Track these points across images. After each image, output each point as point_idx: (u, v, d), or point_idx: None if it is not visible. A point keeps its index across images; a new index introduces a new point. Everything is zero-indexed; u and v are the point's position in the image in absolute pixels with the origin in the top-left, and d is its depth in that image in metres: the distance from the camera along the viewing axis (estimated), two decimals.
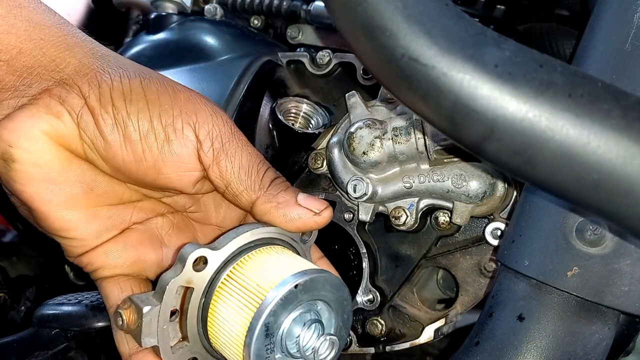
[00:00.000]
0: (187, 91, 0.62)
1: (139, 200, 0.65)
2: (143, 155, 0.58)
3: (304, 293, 0.56)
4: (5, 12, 0.57)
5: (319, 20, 1.04)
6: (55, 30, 0.60)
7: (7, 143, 0.55)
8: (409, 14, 0.42)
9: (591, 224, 0.58)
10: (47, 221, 0.59)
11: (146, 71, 0.61)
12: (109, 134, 0.57)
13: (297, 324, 0.56)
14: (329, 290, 0.59)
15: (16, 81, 0.57)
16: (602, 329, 0.61)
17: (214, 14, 1.17)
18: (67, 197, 0.59)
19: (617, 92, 0.42)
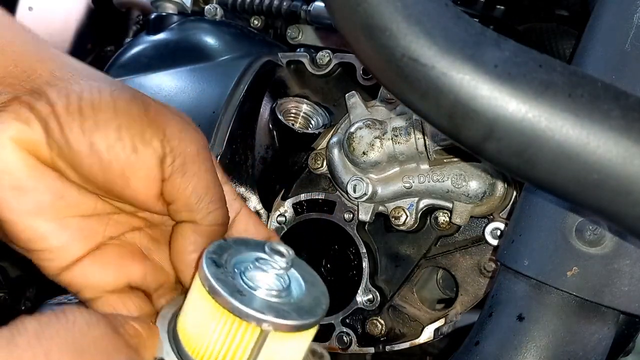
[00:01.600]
0: (159, 105, 0.60)
1: (112, 213, 0.63)
2: (110, 164, 0.57)
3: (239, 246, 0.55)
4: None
5: (319, 20, 1.04)
6: (29, 45, 0.60)
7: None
8: (409, 14, 0.42)
9: (591, 224, 0.58)
10: (15, 231, 0.57)
11: (118, 84, 0.60)
12: (75, 142, 0.56)
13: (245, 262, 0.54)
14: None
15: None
16: (601, 329, 0.61)
17: (214, 14, 1.17)
18: (36, 205, 0.57)
19: (617, 92, 0.42)
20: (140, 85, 1.04)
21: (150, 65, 1.08)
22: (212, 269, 0.51)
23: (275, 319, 0.49)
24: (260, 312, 0.49)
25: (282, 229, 0.91)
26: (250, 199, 0.90)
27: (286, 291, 0.53)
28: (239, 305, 0.49)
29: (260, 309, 0.49)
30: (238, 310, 0.49)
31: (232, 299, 0.49)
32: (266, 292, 0.51)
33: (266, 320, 0.49)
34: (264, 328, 0.49)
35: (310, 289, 0.55)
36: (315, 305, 0.53)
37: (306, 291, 0.54)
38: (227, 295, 0.49)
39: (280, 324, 0.49)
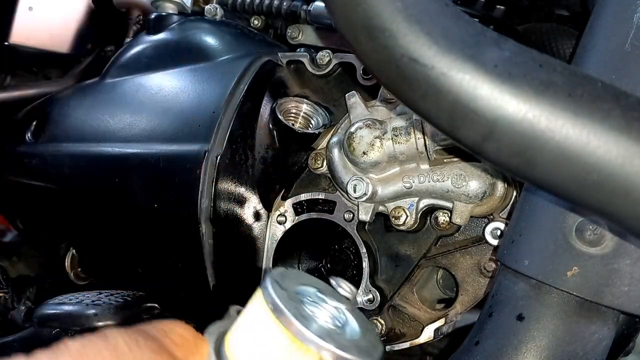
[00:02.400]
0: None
1: None
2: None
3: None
4: None
5: (319, 20, 1.05)
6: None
7: None
8: (409, 14, 0.42)
9: (591, 224, 0.58)
10: None
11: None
12: None
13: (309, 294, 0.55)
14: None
15: None
16: (601, 329, 0.61)
17: (214, 14, 1.17)
18: None
19: (617, 92, 0.42)
20: (140, 85, 1.05)
21: (150, 65, 1.08)
22: (277, 289, 0.50)
23: (336, 349, 0.48)
24: (323, 340, 0.48)
25: (282, 229, 0.91)
26: (250, 199, 0.90)
27: (342, 329, 0.53)
28: (303, 329, 0.48)
29: (323, 337, 0.48)
30: (301, 334, 0.48)
31: (296, 320, 0.48)
32: (325, 324, 0.51)
33: (327, 348, 0.48)
34: (324, 356, 0.48)
35: (365, 333, 0.54)
36: (372, 348, 0.53)
37: (361, 334, 0.54)
38: (291, 316, 0.48)
39: (340, 356, 0.49)
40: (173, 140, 0.90)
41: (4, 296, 1.10)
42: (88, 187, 1.01)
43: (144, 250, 0.98)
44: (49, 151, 1.09)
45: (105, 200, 0.98)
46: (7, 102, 1.36)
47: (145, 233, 0.96)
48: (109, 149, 0.98)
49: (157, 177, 0.90)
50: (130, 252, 1.01)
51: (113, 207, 0.98)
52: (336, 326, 0.52)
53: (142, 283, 0.99)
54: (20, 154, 1.15)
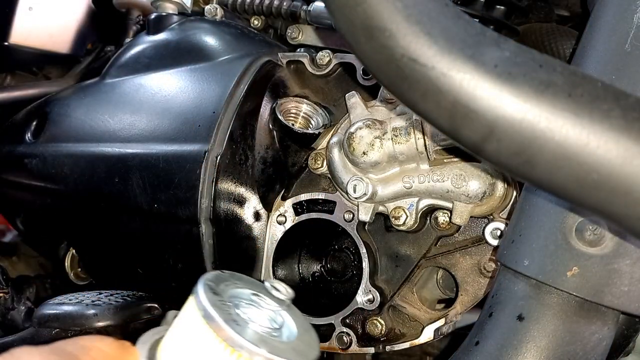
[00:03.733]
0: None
1: None
2: None
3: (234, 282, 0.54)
4: None
5: (319, 20, 1.05)
6: None
7: None
8: (409, 14, 0.42)
9: (591, 224, 0.58)
10: None
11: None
12: None
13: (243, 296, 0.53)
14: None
15: None
16: (601, 329, 0.61)
17: (214, 14, 1.17)
18: None
19: (617, 92, 0.42)
20: (140, 85, 1.05)
21: (150, 65, 1.08)
22: (209, 295, 0.49)
23: (268, 353, 0.47)
24: (255, 345, 0.47)
25: (282, 229, 0.91)
26: (250, 199, 0.90)
27: (279, 331, 0.52)
28: (234, 334, 0.47)
29: (255, 342, 0.47)
30: (232, 339, 0.47)
31: (228, 327, 0.47)
32: (260, 327, 0.50)
33: (258, 353, 0.47)
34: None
35: (303, 334, 0.53)
36: (308, 349, 0.52)
37: (299, 335, 0.53)
38: (222, 321, 0.47)
39: (272, 359, 0.48)
40: (173, 140, 0.90)
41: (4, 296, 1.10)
42: (88, 187, 1.01)
43: (144, 250, 0.98)
44: (49, 151, 1.09)
45: (105, 200, 0.98)
46: (7, 102, 1.36)
47: (145, 233, 0.96)
48: (108, 149, 0.98)
49: (157, 177, 0.90)
50: (130, 252, 1.01)
51: (113, 207, 0.98)
52: (272, 329, 0.51)
53: (142, 283, 0.99)
54: (20, 154, 1.15)
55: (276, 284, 0.52)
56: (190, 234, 0.87)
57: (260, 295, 0.53)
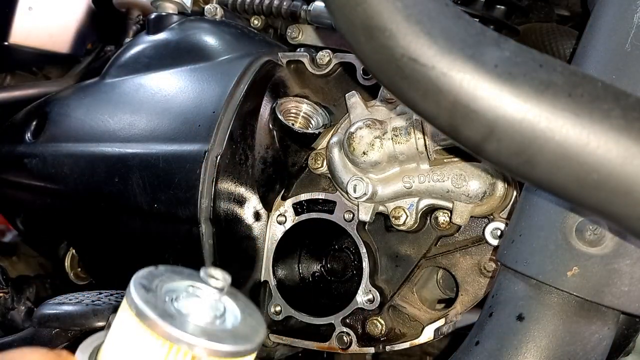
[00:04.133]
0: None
1: None
2: None
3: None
4: None
5: (319, 20, 1.04)
6: None
7: None
8: (409, 14, 0.42)
9: (591, 224, 0.58)
10: None
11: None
12: None
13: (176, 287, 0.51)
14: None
15: None
16: (602, 329, 0.61)
17: (214, 14, 1.17)
18: None
19: (617, 92, 0.42)
20: (140, 85, 1.05)
21: (150, 65, 1.08)
22: (141, 293, 0.47)
23: (209, 342, 0.46)
24: (193, 336, 0.45)
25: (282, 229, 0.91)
26: (250, 198, 0.90)
27: (221, 319, 0.51)
28: (170, 329, 0.45)
29: (193, 333, 0.46)
30: (168, 334, 0.46)
31: (162, 322, 0.46)
32: (199, 318, 0.49)
33: (199, 344, 0.46)
34: (197, 353, 0.46)
35: (246, 319, 0.52)
36: (252, 333, 0.50)
37: (242, 320, 0.51)
38: (156, 317, 0.46)
39: (214, 349, 0.46)
40: (173, 140, 0.90)
41: (4, 296, 1.10)
42: (88, 187, 1.01)
43: (144, 250, 0.98)
44: (49, 151, 1.09)
45: (105, 200, 0.98)
46: (7, 102, 1.36)
47: (145, 233, 0.96)
48: (108, 149, 0.98)
49: (157, 177, 0.90)
50: (130, 252, 1.01)
51: (113, 207, 0.98)
52: (213, 318, 0.50)
53: None
54: (20, 154, 1.15)
55: (212, 272, 0.50)
56: (190, 234, 0.87)
57: (197, 286, 0.51)
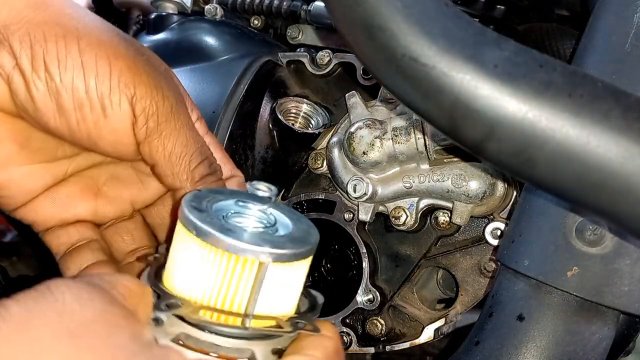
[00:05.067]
0: (129, 58, 0.56)
1: (77, 155, 0.62)
2: (77, 126, 0.55)
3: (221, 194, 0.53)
4: None
5: (319, 20, 1.04)
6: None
7: None
8: (409, 14, 0.42)
9: (591, 224, 0.58)
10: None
11: (84, 29, 0.55)
12: (41, 102, 0.54)
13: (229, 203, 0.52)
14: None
15: None
16: (602, 329, 0.61)
17: (214, 14, 1.17)
18: (1, 156, 0.57)
19: (617, 92, 0.42)
20: None
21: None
22: (196, 214, 0.48)
23: (273, 249, 0.46)
24: (257, 245, 0.46)
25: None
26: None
27: (273, 227, 0.51)
28: (233, 241, 0.46)
29: (257, 242, 0.46)
30: (233, 247, 0.46)
31: (224, 236, 0.46)
32: (254, 229, 0.49)
33: (264, 251, 0.46)
34: (263, 260, 0.46)
35: (297, 224, 0.53)
36: (307, 235, 0.51)
37: (294, 226, 0.52)
38: (217, 233, 0.46)
39: (279, 254, 0.47)
40: None
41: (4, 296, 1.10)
42: None
43: None
44: None
45: None
46: None
47: None
48: None
49: None
50: None
51: None
52: (266, 227, 0.50)
53: None
54: None
55: (257, 185, 0.51)
56: None
57: (245, 201, 0.52)
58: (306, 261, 0.50)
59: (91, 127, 0.56)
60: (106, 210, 0.65)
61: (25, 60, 0.53)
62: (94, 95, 0.54)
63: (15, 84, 0.54)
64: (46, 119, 0.55)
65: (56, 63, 0.53)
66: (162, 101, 0.57)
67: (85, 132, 0.56)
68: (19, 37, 0.53)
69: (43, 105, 0.54)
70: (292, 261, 0.48)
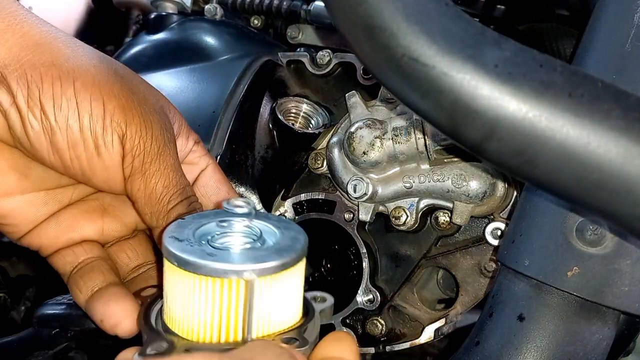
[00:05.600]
0: (122, 98, 0.58)
1: (77, 183, 0.63)
2: (71, 163, 0.57)
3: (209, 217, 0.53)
4: None
5: (319, 20, 1.04)
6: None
7: None
8: (409, 14, 0.42)
9: (591, 224, 0.58)
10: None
11: (80, 70, 0.57)
12: (36, 140, 0.56)
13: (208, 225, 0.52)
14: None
15: None
16: (602, 329, 0.61)
17: (214, 14, 1.17)
18: (1, 186, 0.59)
19: (618, 92, 0.42)
20: None
21: (150, 65, 1.08)
22: (176, 244, 0.48)
23: (256, 264, 0.46)
24: (238, 263, 0.46)
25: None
26: (250, 199, 0.90)
27: (260, 240, 0.51)
28: (213, 264, 0.46)
29: (237, 261, 0.46)
30: (215, 271, 0.46)
31: (204, 261, 0.46)
32: (239, 247, 0.49)
33: (246, 269, 0.46)
34: (248, 278, 0.46)
35: (283, 232, 0.52)
36: (293, 242, 0.50)
37: (280, 235, 0.51)
38: (197, 259, 0.46)
39: (261, 269, 0.46)
40: None
41: (4, 296, 1.10)
42: None
43: None
44: None
45: None
46: None
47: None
48: None
49: None
50: None
51: None
52: (253, 242, 0.50)
53: None
54: None
55: (234, 202, 0.51)
56: None
57: (226, 220, 0.51)
58: (296, 268, 0.50)
59: (85, 165, 0.58)
60: (112, 229, 0.66)
61: (22, 99, 0.55)
62: (88, 135, 0.56)
63: (12, 120, 0.56)
64: (41, 154, 0.57)
65: (51, 103, 0.55)
66: (150, 142, 0.58)
67: (79, 168, 0.58)
68: (16, 77, 0.55)
69: (37, 143, 0.56)
70: (279, 272, 0.48)
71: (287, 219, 0.55)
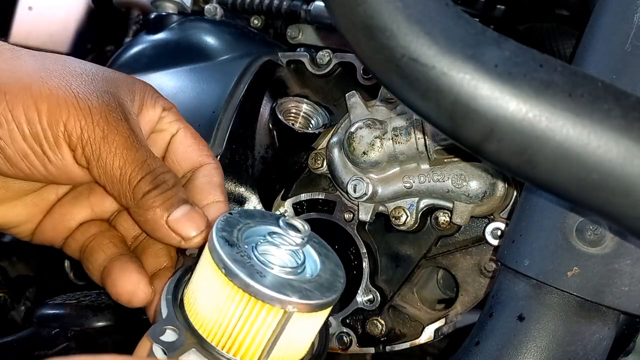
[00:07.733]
0: (52, 96, 0.57)
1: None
2: (30, 171, 0.59)
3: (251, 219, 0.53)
4: None
5: (319, 20, 1.04)
6: None
7: None
8: (409, 14, 0.42)
9: (591, 224, 0.58)
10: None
11: (8, 81, 0.57)
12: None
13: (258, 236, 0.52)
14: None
15: None
16: (602, 329, 0.61)
17: (214, 14, 1.17)
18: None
19: (618, 91, 0.42)
20: None
21: (150, 65, 1.08)
22: (227, 249, 0.48)
23: (300, 300, 0.47)
24: (284, 295, 0.46)
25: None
26: (250, 198, 0.90)
27: (302, 267, 0.51)
28: (261, 288, 0.46)
29: (284, 291, 0.46)
30: (261, 294, 0.46)
31: (253, 282, 0.46)
32: (282, 269, 0.49)
33: (291, 302, 0.46)
34: (289, 310, 0.47)
35: (325, 263, 0.52)
36: (334, 279, 0.51)
37: (322, 265, 0.52)
38: (246, 277, 0.46)
39: (304, 305, 0.47)
40: None
41: (4, 296, 1.10)
42: None
43: None
44: None
45: None
46: None
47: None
48: None
49: None
50: None
51: None
52: (294, 267, 0.50)
53: None
54: None
55: (292, 222, 0.51)
56: None
57: (277, 233, 0.51)
58: (330, 308, 0.50)
59: (43, 170, 0.59)
60: (101, 206, 0.67)
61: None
62: (32, 142, 0.57)
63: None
64: (4, 170, 0.59)
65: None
66: (93, 127, 0.58)
67: (40, 174, 0.59)
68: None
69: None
70: (317, 311, 0.48)
71: (326, 243, 0.56)
